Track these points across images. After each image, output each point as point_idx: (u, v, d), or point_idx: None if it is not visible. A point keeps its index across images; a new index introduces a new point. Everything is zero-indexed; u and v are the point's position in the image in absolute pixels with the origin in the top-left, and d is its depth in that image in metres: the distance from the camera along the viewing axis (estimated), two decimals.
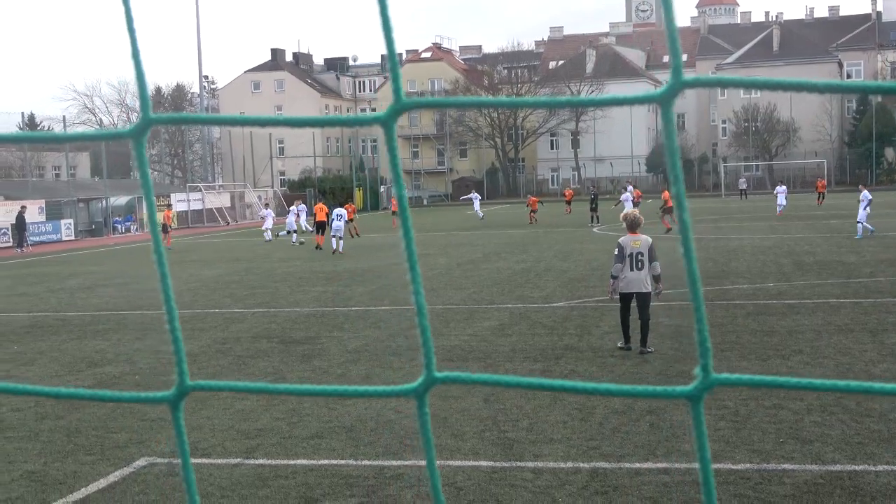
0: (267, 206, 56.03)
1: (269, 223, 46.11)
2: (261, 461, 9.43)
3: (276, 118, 1.18)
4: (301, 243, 41.68)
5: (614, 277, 14.06)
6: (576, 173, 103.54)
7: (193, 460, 9.44)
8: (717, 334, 15.31)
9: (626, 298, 14.11)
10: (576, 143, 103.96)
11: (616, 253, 14.06)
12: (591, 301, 19.79)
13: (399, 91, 1.08)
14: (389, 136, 1.10)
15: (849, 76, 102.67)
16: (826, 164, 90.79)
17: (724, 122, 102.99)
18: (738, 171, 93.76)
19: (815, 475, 8.36)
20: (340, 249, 35.56)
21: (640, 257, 13.84)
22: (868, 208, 33.05)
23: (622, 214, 14.45)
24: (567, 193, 66.79)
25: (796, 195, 78.72)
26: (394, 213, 60.05)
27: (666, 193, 42.04)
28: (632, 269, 13.87)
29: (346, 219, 37.48)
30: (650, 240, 14.16)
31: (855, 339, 14.44)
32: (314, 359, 14.74)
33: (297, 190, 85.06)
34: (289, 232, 44.58)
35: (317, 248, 38.37)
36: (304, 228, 43.83)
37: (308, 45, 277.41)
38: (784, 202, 52.24)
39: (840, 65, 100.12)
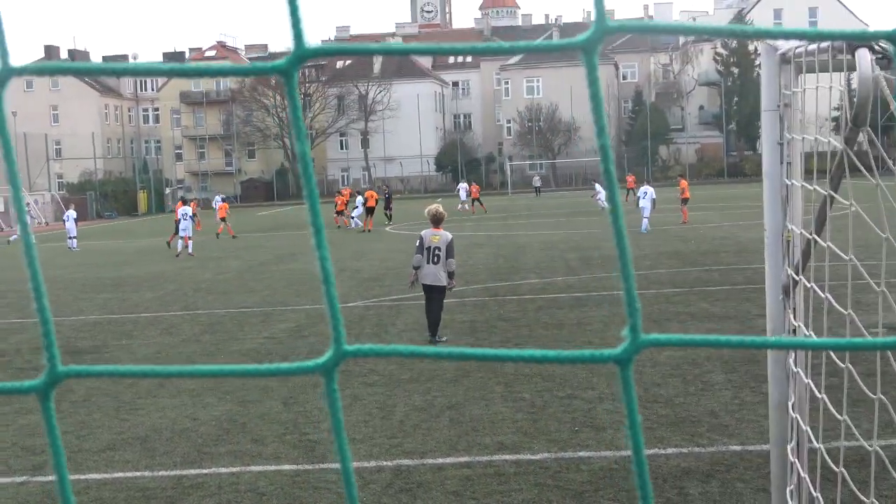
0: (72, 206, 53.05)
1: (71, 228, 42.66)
2: (49, 478, 8.98)
3: (167, 67, 1.06)
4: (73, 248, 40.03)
5: (415, 268, 14.56)
6: (366, 173, 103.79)
7: None
8: (509, 329, 15.69)
9: (426, 290, 14.67)
10: (365, 143, 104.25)
11: (417, 244, 14.58)
12: (387, 300, 19.89)
13: (301, 36, 1.00)
14: (290, 86, 1.02)
15: (624, 77, 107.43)
16: None
17: (508, 121, 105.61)
18: (524, 170, 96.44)
19: (609, 461, 8.68)
20: (190, 250, 34.18)
21: (437, 252, 14.29)
22: (646, 202, 34.57)
23: (426, 209, 14.87)
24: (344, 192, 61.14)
25: (577, 192, 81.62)
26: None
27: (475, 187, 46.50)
28: (428, 262, 14.34)
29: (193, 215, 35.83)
30: (450, 236, 14.55)
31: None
32: None
33: (77, 193, 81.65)
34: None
35: (168, 245, 37.64)
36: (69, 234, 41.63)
37: (84, 42, 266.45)
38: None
39: (616, 66, 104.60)
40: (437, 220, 14.48)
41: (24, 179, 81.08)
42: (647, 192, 35.03)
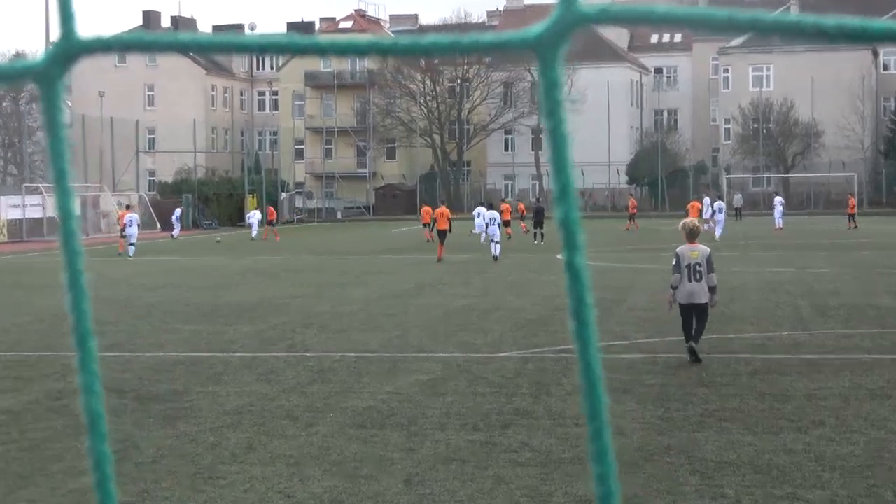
0: (128, 208, 56.15)
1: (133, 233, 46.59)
2: None
3: None
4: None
5: (673, 288, 16.96)
6: (536, 182, 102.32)
7: None
8: (714, 398, 15.19)
9: (685, 310, 16.88)
10: (537, 144, 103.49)
11: (674, 263, 16.87)
12: (552, 351, 19.60)
13: (70, 22, 0.81)
14: (50, 96, 0.85)
15: (885, 67, 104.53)
16: (856, 179, 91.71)
17: (727, 121, 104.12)
18: (745, 185, 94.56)
19: None
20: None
21: (698, 268, 16.65)
22: None
23: (681, 223, 17.38)
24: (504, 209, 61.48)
25: (818, 217, 79.68)
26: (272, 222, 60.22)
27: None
28: (690, 280, 16.66)
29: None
30: (708, 251, 17.07)
31: (892, 407, 14.39)
32: (178, 421, 14.33)
33: (172, 195, 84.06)
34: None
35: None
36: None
37: (192, 7, 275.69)
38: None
39: (875, 53, 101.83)
40: (692, 235, 16.96)
41: (108, 176, 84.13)
42: None
